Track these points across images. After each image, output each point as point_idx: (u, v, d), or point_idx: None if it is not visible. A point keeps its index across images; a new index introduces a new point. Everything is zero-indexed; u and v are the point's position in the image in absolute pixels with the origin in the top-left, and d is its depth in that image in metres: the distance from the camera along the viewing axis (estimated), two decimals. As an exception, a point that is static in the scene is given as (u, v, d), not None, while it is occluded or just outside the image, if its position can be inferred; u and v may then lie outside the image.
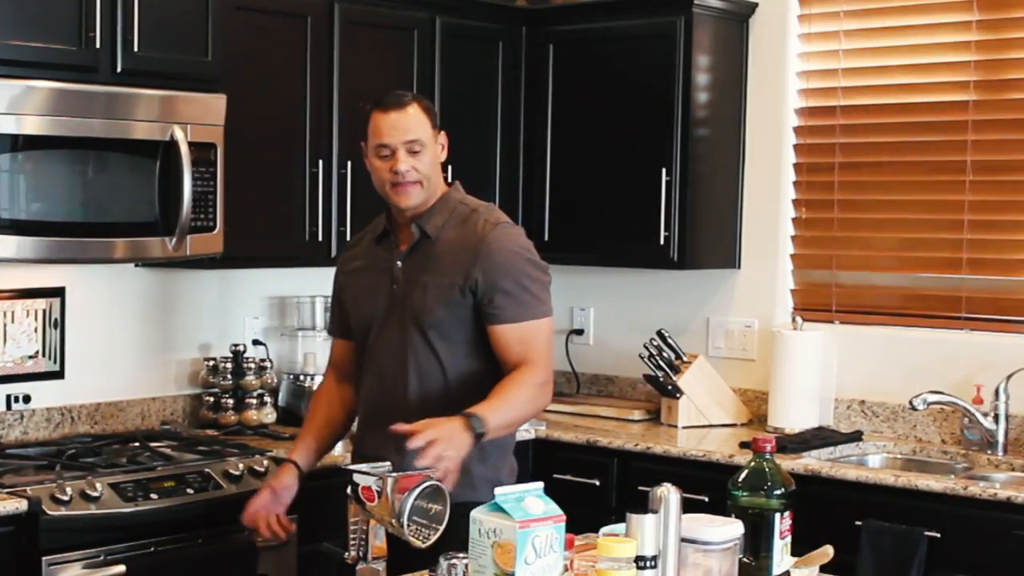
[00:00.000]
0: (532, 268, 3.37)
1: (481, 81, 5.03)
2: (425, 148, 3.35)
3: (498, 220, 3.41)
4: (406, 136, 3.33)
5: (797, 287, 4.99)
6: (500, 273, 3.31)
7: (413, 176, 3.35)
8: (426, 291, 3.34)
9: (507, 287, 3.31)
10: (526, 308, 3.33)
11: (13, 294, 4.16)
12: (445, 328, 3.33)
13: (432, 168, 3.38)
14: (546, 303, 3.39)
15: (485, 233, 3.34)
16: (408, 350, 3.34)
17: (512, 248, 3.36)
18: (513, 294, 3.31)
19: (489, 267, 3.31)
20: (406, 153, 3.34)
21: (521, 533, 2.24)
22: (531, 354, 3.31)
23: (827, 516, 3.84)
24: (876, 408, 4.70)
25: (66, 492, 3.53)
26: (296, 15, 4.41)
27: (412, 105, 3.37)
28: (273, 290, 4.86)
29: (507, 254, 3.33)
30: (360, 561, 2.59)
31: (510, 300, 3.30)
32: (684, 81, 4.78)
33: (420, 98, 3.44)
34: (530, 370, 3.29)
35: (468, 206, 3.44)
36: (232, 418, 4.51)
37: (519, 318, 3.31)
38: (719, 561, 2.46)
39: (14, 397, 4.17)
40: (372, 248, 3.51)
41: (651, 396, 5.09)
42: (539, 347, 3.34)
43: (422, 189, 3.36)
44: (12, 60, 3.63)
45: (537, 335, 3.34)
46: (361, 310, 3.48)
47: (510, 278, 3.32)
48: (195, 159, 3.95)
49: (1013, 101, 4.49)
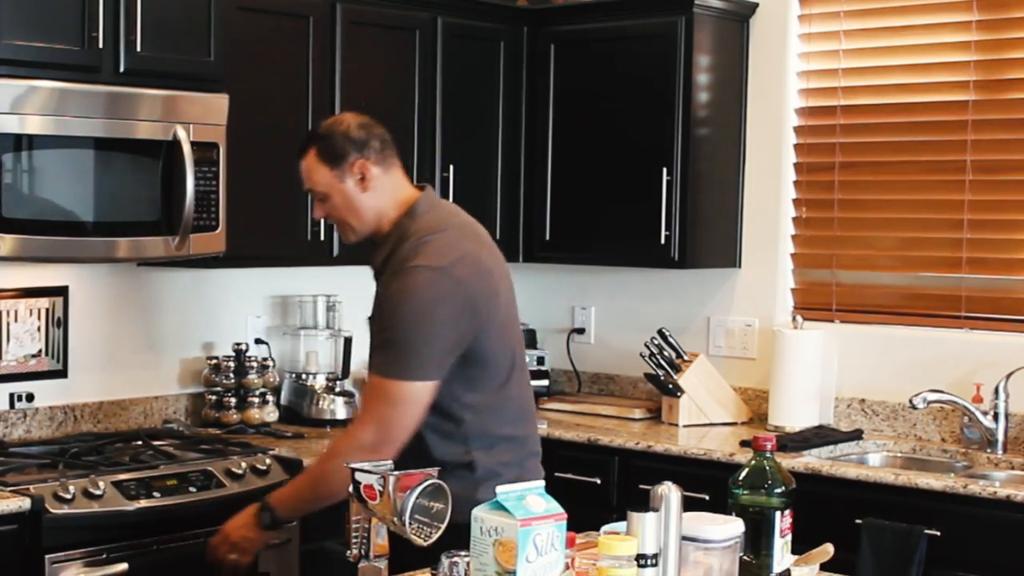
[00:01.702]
0: (407, 324, 3.08)
1: (482, 81, 5.04)
2: (329, 195, 3.28)
3: (412, 264, 3.12)
4: (306, 186, 3.33)
5: (797, 286, 5.00)
6: (382, 316, 3.15)
7: (330, 220, 3.35)
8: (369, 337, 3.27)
9: (379, 332, 3.16)
10: (382, 361, 3.13)
11: (16, 293, 4.17)
12: None
13: (348, 208, 3.27)
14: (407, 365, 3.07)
15: (391, 274, 3.17)
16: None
17: (399, 296, 3.10)
18: (379, 343, 3.15)
19: (380, 308, 3.18)
20: (317, 202, 3.33)
21: (522, 531, 2.23)
22: (363, 411, 3.18)
23: (827, 514, 3.86)
24: (876, 407, 4.71)
25: (69, 490, 3.54)
26: (298, 15, 4.41)
27: (309, 152, 3.29)
28: (275, 289, 4.87)
29: (393, 300, 3.12)
30: (362, 559, 2.59)
31: (376, 347, 3.17)
32: (685, 81, 4.79)
33: (319, 139, 3.30)
34: (342, 437, 3.27)
35: (407, 237, 3.20)
36: (234, 417, 4.52)
37: (374, 370, 3.14)
38: (720, 559, 2.45)
39: (17, 396, 4.18)
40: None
41: (652, 395, 5.10)
42: (369, 404, 3.15)
43: (351, 228, 3.30)
44: (15, 60, 3.64)
45: (378, 393, 3.12)
46: None
47: (384, 323, 3.14)
48: (197, 159, 3.96)
49: (1013, 101, 4.49)
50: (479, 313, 3.14)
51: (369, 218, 3.27)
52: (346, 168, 3.25)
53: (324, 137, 3.29)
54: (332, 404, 4.66)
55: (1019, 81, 4.49)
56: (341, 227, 3.34)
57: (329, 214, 3.31)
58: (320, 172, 3.27)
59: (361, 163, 3.25)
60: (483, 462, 3.20)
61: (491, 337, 3.19)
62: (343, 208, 3.28)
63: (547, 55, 5.12)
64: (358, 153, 3.26)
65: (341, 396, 4.69)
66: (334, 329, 4.84)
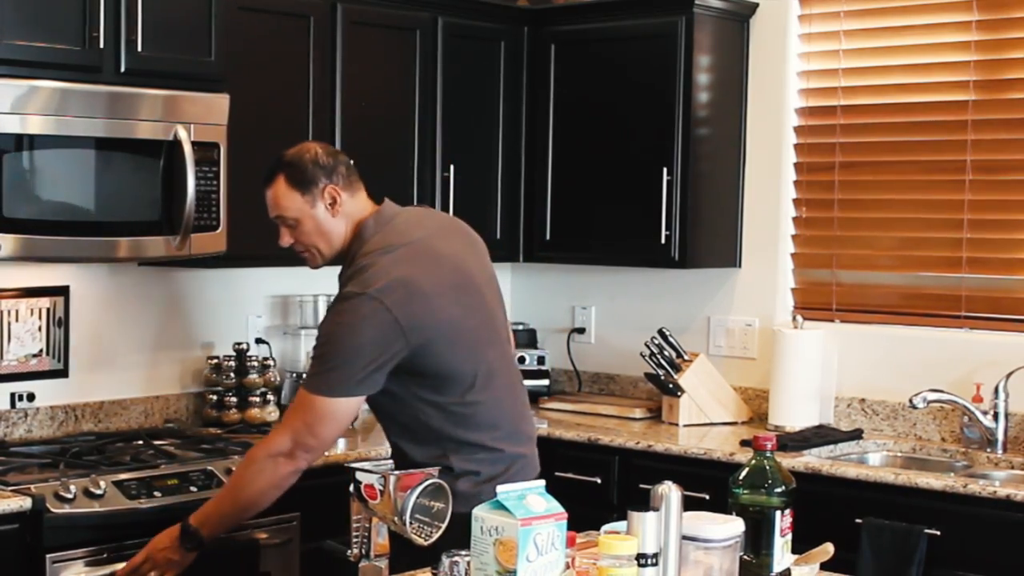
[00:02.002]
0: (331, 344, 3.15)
1: (483, 81, 5.04)
2: (298, 220, 3.31)
3: (345, 290, 3.19)
4: (273, 213, 3.35)
5: (797, 286, 5.00)
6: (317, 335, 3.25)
7: (298, 248, 3.36)
8: None
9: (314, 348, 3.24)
10: (308, 375, 3.23)
11: (17, 293, 4.17)
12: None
13: (317, 235, 3.31)
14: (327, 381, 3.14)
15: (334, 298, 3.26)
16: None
17: (328, 317, 3.21)
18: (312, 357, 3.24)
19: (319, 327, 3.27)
20: (284, 229, 3.34)
21: (523, 531, 2.24)
22: (282, 421, 3.27)
23: (827, 514, 3.87)
24: (876, 406, 4.72)
25: (70, 490, 3.54)
26: (299, 15, 4.42)
27: (277, 179, 3.32)
28: (276, 289, 4.87)
29: (324, 322, 3.23)
30: (363, 559, 2.59)
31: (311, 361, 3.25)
32: (685, 81, 4.79)
33: (288, 165, 3.33)
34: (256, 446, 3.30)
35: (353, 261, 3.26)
36: (235, 416, 4.53)
37: (302, 382, 3.24)
38: (720, 559, 2.46)
39: (18, 395, 4.18)
40: None
41: (652, 394, 5.10)
42: (291, 417, 3.22)
43: (317, 254, 3.35)
44: (16, 60, 3.64)
45: (299, 406, 3.20)
46: None
47: (316, 341, 3.22)
48: (198, 158, 3.96)
49: (1012, 101, 4.50)
50: (410, 335, 3.12)
51: (336, 243, 3.33)
52: (317, 193, 3.29)
53: (292, 164, 3.32)
54: (333, 404, 4.65)
55: (1019, 81, 4.49)
56: (308, 252, 3.36)
57: (298, 240, 3.34)
58: (290, 198, 3.30)
59: (331, 188, 3.30)
60: (460, 464, 3.22)
61: (438, 354, 3.18)
62: (313, 233, 3.31)
63: (547, 55, 5.13)
64: (327, 179, 3.31)
65: (342, 396, 4.68)
66: (335, 329, 4.84)
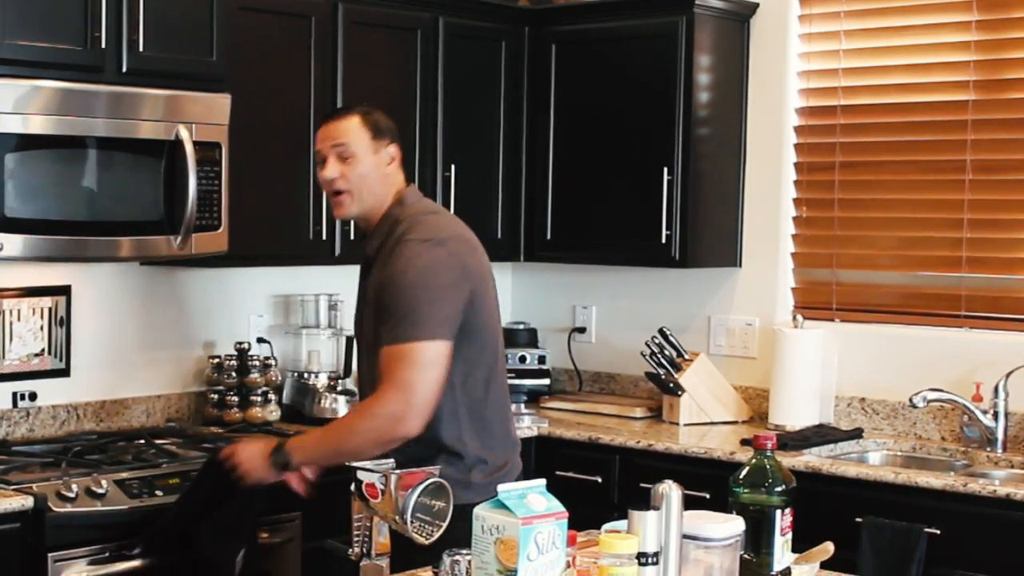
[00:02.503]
0: (412, 289, 3.18)
1: (484, 80, 5.05)
2: (356, 156, 3.33)
3: (405, 235, 3.27)
4: (334, 141, 3.34)
5: (798, 285, 5.01)
6: (383, 295, 3.24)
7: (342, 184, 3.34)
8: (365, 317, 3.36)
9: (384, 309, 3.22)
10: (392, 331, 3.18)
11: (19, 292, 4.18)
12: None
13: (365, 180, 3.33)
14: (418, 326, 3.15)
15: (390, 252, 3.27)
16: (375, 372, 3.30)
17: (399, 267, 3.22)
18: (387, 317, 3.20)
19: (381, 289, 3.25)
20: (335, 159, 3.34)
21: (524, 530, 2.24)
22: (385, 380, 3.18)
23: (828, 513, 3.87)
24: (876, 406, 4.72)
25: (72, 489, 3.54)
26: (300, 15, 4.42)
27: (351, 116, 3.37)
28: (277, 288, 4.88)
29: (394, 274, 3.22)
30: (364, 557, 2.60)
31: (386, 324, 3.20)
32: (685, 81, 4.80)
33: (370, 111, 3.40)
34: (372, 399, 3.22)
35: (400, 221, 3.33)
36: (237, 415, 4.53)
37: (389, 340, 3.18)
38: (720, 557, 2.46)
39: (20, 395, 4.19)
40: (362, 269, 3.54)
41: (653, 394, 5.11)
42: (395, 373, 3.16)
43: (353, 200, 3.35)
44: (18, 60, 3.65)
45: (396, 360, 3.17)
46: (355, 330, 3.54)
47: (388, 299, 3.22)
48: (200, 158, 3.97)
49: (1012, 101, 4.50)
50: (473, 283, 3.26)
51: (374, 199, 3.36)
52: (382, 144, 3.37)
53: (369, 112, 3.40)
54: (334, 403, 4.67)
55: (1019, 81, 4.50)
56: (347, 194, 3.35)
57: (345, 175, 3.34)
58: (359, 134, 3.34)
59: (395, 147, 3.40)
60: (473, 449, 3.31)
61: (482, 314, 3.30)
62: (363, 176, 3.34)
63: (548, 55, 5.14)
64: (393, 138, 3.41)
65: (343, 395, 4.70)
66: (336, 328, 4.85)
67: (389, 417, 3.17)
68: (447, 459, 3.24)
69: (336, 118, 3.40)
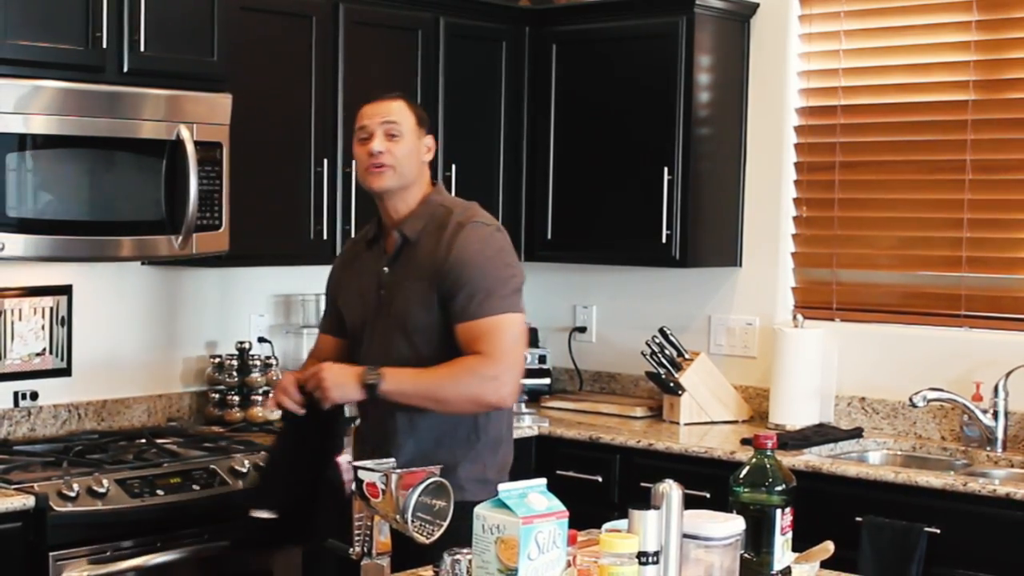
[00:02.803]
0: (495, 266, 3.34)
1: (484, 80, 5.06)
2: (403, 136, 3.41)
3: (469, 219, 3.40)
4: (384, 118, 3.42)
5: (798, 285, 5.01)
6: (463, 272, 3.31)
7: (388, 159, 3.40)
8: (408, 296, 3.38)
9: (469, 286, 3.29)
10: (484, 305, 3.29)
11: (21, 292, 4.19)
12: (429, 332, 3.35)
13: (409, 159, 3.42)
14: (508, 299, 3.32)
15: (454, 233, 3.36)
16: (394, 354, 3.36)
17: (475, 247, 3.34)
18: (472, 292, 3.29)
19: (453, 266, 3.32)
20: (383, 135, 3.41)
21: (524, 529, 2.25)
22: (484, 347, 3.27)
23: (828, 512, 3.88)
24: (876, 405, 4.73)
25: (73, 488, 3.55)
26: (301, 15, 4.43)
27: (398, 99, 3.47)
28: (278, 288, 4.88)
29: (470, 252, 3.32)
30: (364, 557, 2.61)
31: (470, 299, 3.29)
32: (686, 81, 4.80)
33: (410, 99, 3.52)
34: (477, 358, 3.27)
35: (446, 207, 3.45)
36: (237, 415, 4.54)
37: (477, 315, 3.28)
38: (721, 557, 2.46)
39: (21, 394, 4.19)
40: (364, 253, 3.57)
41: (653, 393, 5.12)
42: (495, 341, 3.28)
43: (395, 174, 3.41)
44: (19, 60, 3.66)
45: (493, 331, 3.28)
46: (353, 315, 3.54)
47: (472, 277, 3.30)
48: (201, 158, 3.98)
49: (1012, 100, 4.51)
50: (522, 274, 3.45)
51: (411, 179, 3.45)
52: (423, 132, 3.49)
53: (412, 100, 3.53)
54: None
55: (1019, 81, 4.50)
56: (391, 168, 3.42)
57: (392, 151, 3.41)
58: (408, 116, 3.46)
59: (431, 140, 3.52)
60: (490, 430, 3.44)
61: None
62: (406, 155, 3.43)
63: (549, 55, 5.14)
64: (429, 130, 3.54)
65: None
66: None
67: (491, 380, 3.27)
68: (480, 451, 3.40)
69: (384, 99, 3.47)
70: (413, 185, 3.45)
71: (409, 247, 3.42)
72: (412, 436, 3.36)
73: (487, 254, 3.34)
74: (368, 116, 3.44)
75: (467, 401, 3.30)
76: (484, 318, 3.28)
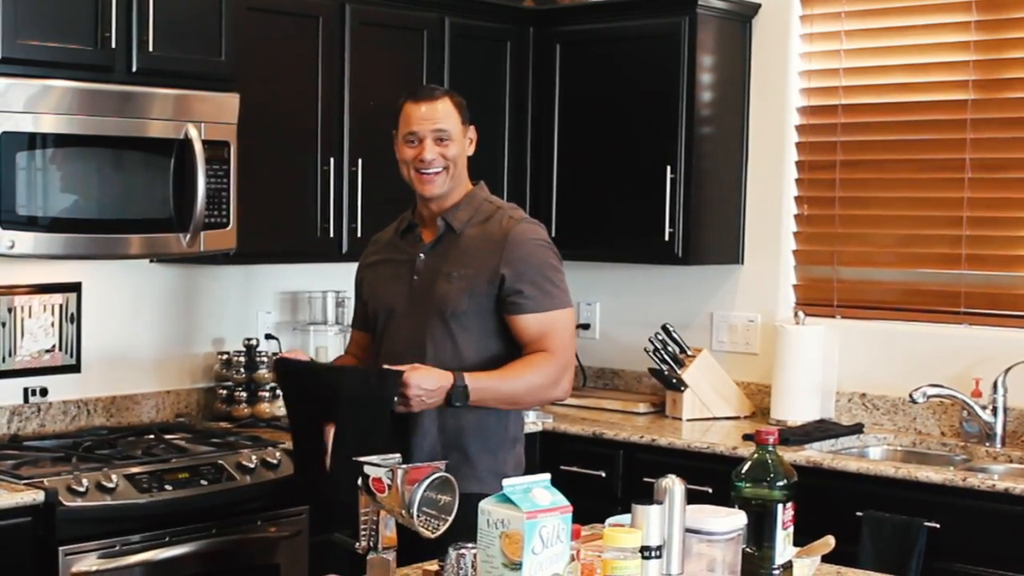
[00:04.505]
0: (554, 260, 3.48)
1: (489, 80, 5.07)
2: (452, 140, 3.45)
3: (521, 217, 3.51)
4: (434, 125, 3.44)
5: (799, 282, 5.03)
6: (525, 266, 3.40)
7: (438, 165, 3.44)
8: (451, 282, 3.41)
9: (532, 279, 3.40)
10: (548, 299, 3.41)
11: (30, 289, 4.21)
12: (467, 318, 3.41)
13: (458, 160, 3.48)
14: (567, 294, 3.48)
15: (509, 228, 3.44)
16: (427, 338, 3.40)
17: (536, 242, 3.45)
18: (537, 286, 3.40)
19: (514, 260, 3.40)
20: (433, 142, 3.43)
21: (528, 523, 2.25)
22: (550, 343, 3.40)
23: (828, 507, 3.88)
24: (877, 401, 4.75)
25: (82, 483, 3.57)
26: (308, 15, 4.45)
27: (443, 99, 3.48)
28: (286, 285, 4.90)
29: (531, 247, 3.43)
30: (371, 551, 2.61)
31: (535, 291, 3.39)
32: (688, 80, 4.82)
33: (452, 93, 3.54)
34: (546, 358, 3.39)
35: (492, 203, 3.54)
36: (245, 411, 4.57)
37: (542, 308, 3.40)
38: (723, 551, 2.47)
39: (31, 390, 4.21)
40: (395, 242, 3.59)
41: (656, 389, 5.13)
42: (559, 337, 3.42)
43: (447, 177, 3.45)
44: (29, 60, 3.67)
45: (557, 324, 3.42)
46: (380, 299, 3.55)
47: (534, 270, 3.41)
48: (209, 157, 3.99)
49: (1011, 100, 4.53)
50: None
51: (462, 176, 3.52)
52: (468, 129, 3.54)
53: (454, 94, 3.54)
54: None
55: (1018, 81, 4.52)
56: (444, 172, 3.46)
57: (444, 154, 3.45)
58: (455, 118, 3.49)
59: (473, 130, 3.56)
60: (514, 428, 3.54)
61: None
62: (456, 158, 3.48)
63: (553, 55, 5.16)
64: (470, 120, 3.55)
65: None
66: (343, 325, 4.86)
67: (557, 378, 3.42)
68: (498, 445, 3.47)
69: (431, 99, 3.47)
70: (461, 180, 3.52)
71: (452, 236, 3.47)
72: (437, 425, 3.41)
73: (547, 250, 3.48)
74: (417, 122, 3.44)
75: (536, 401, 3.56)
76: (547, 312, 3.41)
